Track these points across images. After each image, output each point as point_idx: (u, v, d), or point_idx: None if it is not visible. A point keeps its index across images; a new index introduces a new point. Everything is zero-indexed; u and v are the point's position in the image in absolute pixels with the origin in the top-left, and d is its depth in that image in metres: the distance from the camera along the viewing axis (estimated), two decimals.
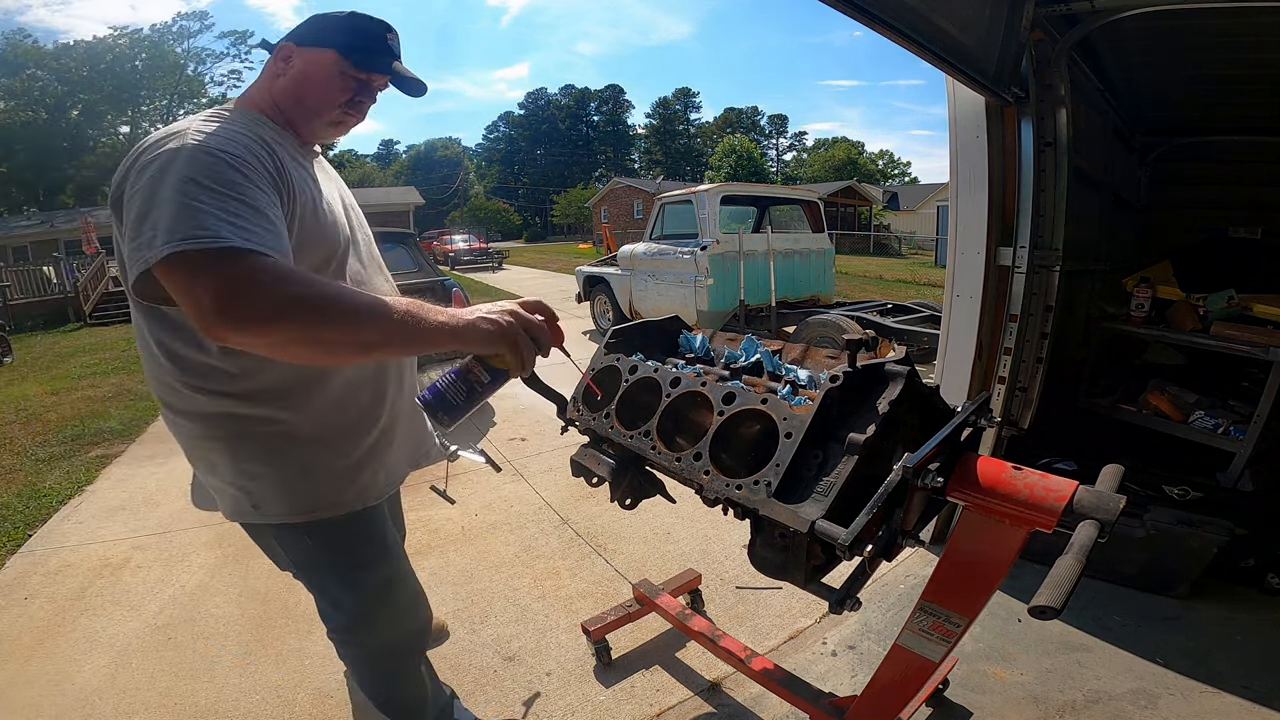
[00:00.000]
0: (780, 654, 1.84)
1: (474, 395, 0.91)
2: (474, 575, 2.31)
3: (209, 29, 41.31)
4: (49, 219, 25.22)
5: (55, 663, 1.88)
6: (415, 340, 0.83)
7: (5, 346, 7.36)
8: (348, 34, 0.98)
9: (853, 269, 16.05)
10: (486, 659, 1.85)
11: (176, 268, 0.73)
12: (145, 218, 0.76)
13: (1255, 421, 2.30)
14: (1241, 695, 1.61)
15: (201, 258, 0.72)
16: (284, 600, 2.12)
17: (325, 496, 1.06)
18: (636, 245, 6.67)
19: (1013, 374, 2.18)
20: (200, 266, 0.72)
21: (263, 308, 0.73)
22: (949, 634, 1.00)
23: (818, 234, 6.63)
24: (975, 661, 1.76)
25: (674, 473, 1.00)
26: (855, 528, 0.74)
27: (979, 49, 1.86)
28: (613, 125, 77.98)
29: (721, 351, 1.26)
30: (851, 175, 46.84)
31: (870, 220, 31.51)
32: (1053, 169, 2.09)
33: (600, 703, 1.68)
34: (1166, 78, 2.71)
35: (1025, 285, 2.09)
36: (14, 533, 2.74)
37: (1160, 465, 2.47)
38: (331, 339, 0.78)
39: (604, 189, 35.28)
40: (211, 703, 1.71)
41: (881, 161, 65.83)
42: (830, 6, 1.33)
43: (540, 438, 3.76)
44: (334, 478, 1.06)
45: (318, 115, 1.02)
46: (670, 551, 2.44)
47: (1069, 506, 0.78)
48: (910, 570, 2.24)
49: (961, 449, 0.91)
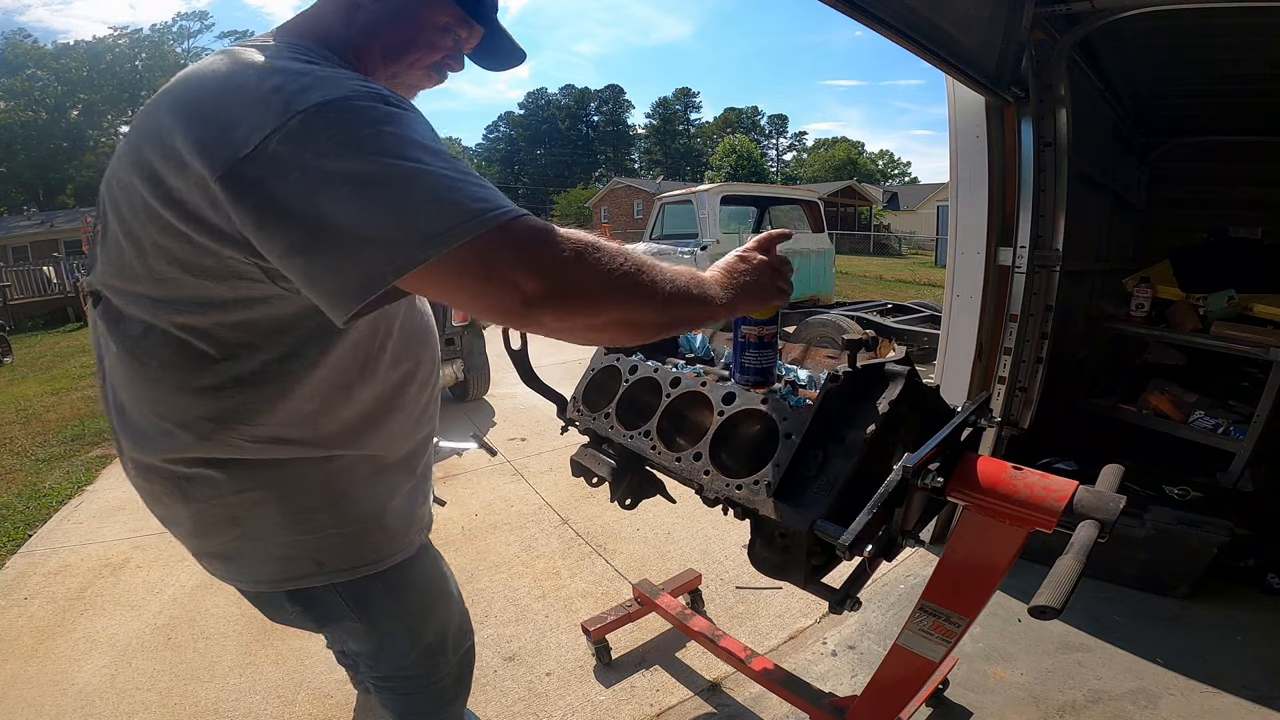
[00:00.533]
0: (780, 654, 1.84)
1: (772, 350, 0.99)
2: (474, 575, 2.31)
3: (209, 29, 41.48)
4: (49, 219, 25.24)
5: (55, 663, 1.88)
6: (701, 319, 0.73)
7: (5, 346, 7.35)
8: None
9: (853, 269, 16.06)
10: (486, 659, 1.85)
11: (472, 254, 0.56)
12: (373, 202, 0.55)
13: (1255, 421, 2.30)
14: (1241, 695, 1.61)
15: (500, 236, 0.57)
16: None
17: (401, 536, 0.92)
18: (636, 245, 6.67)
19: (1013, 374, 2.18)
20: (504, 245, 0.57)
21: (589, 284, 0.61)
22: (949, 634, 1.00)
23: (818, 234, 6.64)
24: (975, 661, 1.76)
25: (674, 473, 1.00)
26: (855, 528, 0.74)
27: (979, 49, 1.86)
28: (613, 125, 78.06)
29: (721, 351, 1.26)
30: (851, 175, 46.90)
31: (870, 220, 31.55)
32: (1053, 169, 2.09)
33: (600, 703, 1.68)
34: (1167, 77, 2.71)
35: (1025, 285, 2.09)
36: (14, 533, 2.74)
37: (1160, 465, 2.47)
38: (643, 319, 0.66)
39: (604, 189, 35.32)
40: (211, 703, 1.71)
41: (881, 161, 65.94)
42: (830, 6, 1.33)
43: (540, 438, 3.76)
44: (405, 512, 0.93)
45: (403, 71, 0.81)
46: (670, 551, 2.44)
47: (1069, 506, 0.78)
48: (910, 570, 2.24)
49: (961, 449, 0.91)
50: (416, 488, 0.96)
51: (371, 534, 0.88)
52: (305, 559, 0.83)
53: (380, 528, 0.89)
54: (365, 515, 0.86)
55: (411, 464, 0.94)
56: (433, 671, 1.10)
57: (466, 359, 4.14)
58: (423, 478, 0.98)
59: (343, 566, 0.86)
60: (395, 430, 0.88)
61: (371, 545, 0.88)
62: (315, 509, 0.81)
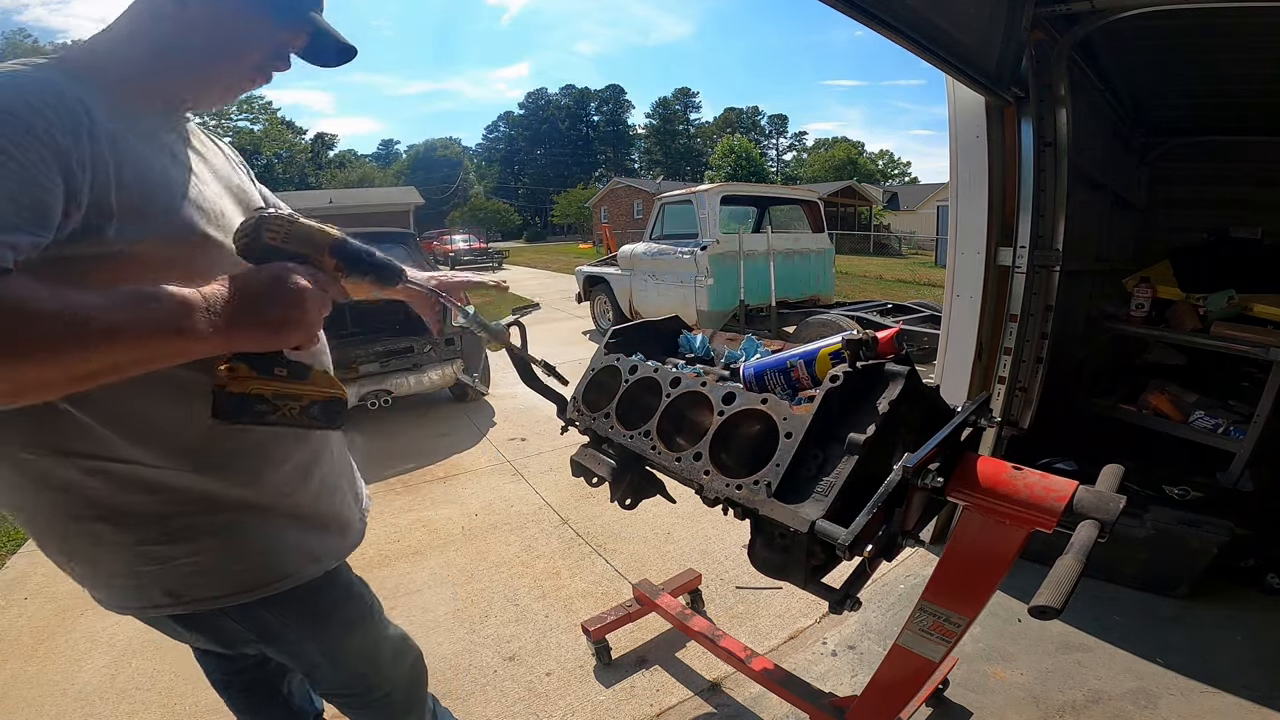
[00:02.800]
0: (780, 654, 1.84)
1: (794, 391, 0.98)
2: (474, 575, 2.31)
3: None
4: None
5: (55, 663, 1.88)
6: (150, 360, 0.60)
7: None
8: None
9: (853, 269, 16.05)
10: (486, 659, 1.85)
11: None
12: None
13: (1255, 421, 2.30)
14: (1241, 695, 1.61)
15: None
16: None
17: (276, 567, 0.88)
18: (636, 245, 6.67)
19: (1013, 374, 2.18)
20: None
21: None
22: (949, 634, 1.00)
23: (818, 234, 6.64)
24: (975, 661, 1.76)
25: (674, 473, 1.00)
26: (855, 528, 0.74)
27: (979, 49, 1.85)
28: (613, 125, 78.09)
29: (721, 351, 1.26)
30: (851, 175, 46.90)
31: (870, 220, 31.53)
32: (1053, 169, 2.09)
33: (600, 703, 1.68)
34: (1167, 77, 2.71)
35: (1025, 285, 2.09)
36: (14, 533, 2.74)
37: (1160, 465, 2.47)
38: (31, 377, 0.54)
39: (604, 189, 35.29)
40: (212, 703, 1.70)
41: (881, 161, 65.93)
42: (830, 6, 1.33)
43: (540, 438, 3.76)
44: (280, 545, 0.88)
45: (215, 78, 0.80)
46: (670, 551, 2.44)
47: (1069, 506, 0.78)
48: (910, 570, 2.24)
49: (961, 449, 0.92)
50: (295, 523, 0.91)
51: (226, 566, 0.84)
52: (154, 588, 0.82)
53: (244, 560, 0.85)
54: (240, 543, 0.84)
55: (272, 498, 0.87)
56: (371, 690, 1.11)
57: (466, 359, 4.14)
58: (307, 514, 0.92)
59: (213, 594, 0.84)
60: (239, 466, 0.84)
61: (233, 577, 0.85)
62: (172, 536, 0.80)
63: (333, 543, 0.98)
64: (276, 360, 0.72)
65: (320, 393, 0.76)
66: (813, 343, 1.02)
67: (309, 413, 0.75)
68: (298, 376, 0.74)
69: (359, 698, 1.11)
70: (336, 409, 0.79)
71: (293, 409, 0.73)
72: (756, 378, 1.02)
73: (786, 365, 1.00)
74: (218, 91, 0.82)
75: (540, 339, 7.28)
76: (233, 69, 0.80)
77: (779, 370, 1.00)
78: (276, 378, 0.71)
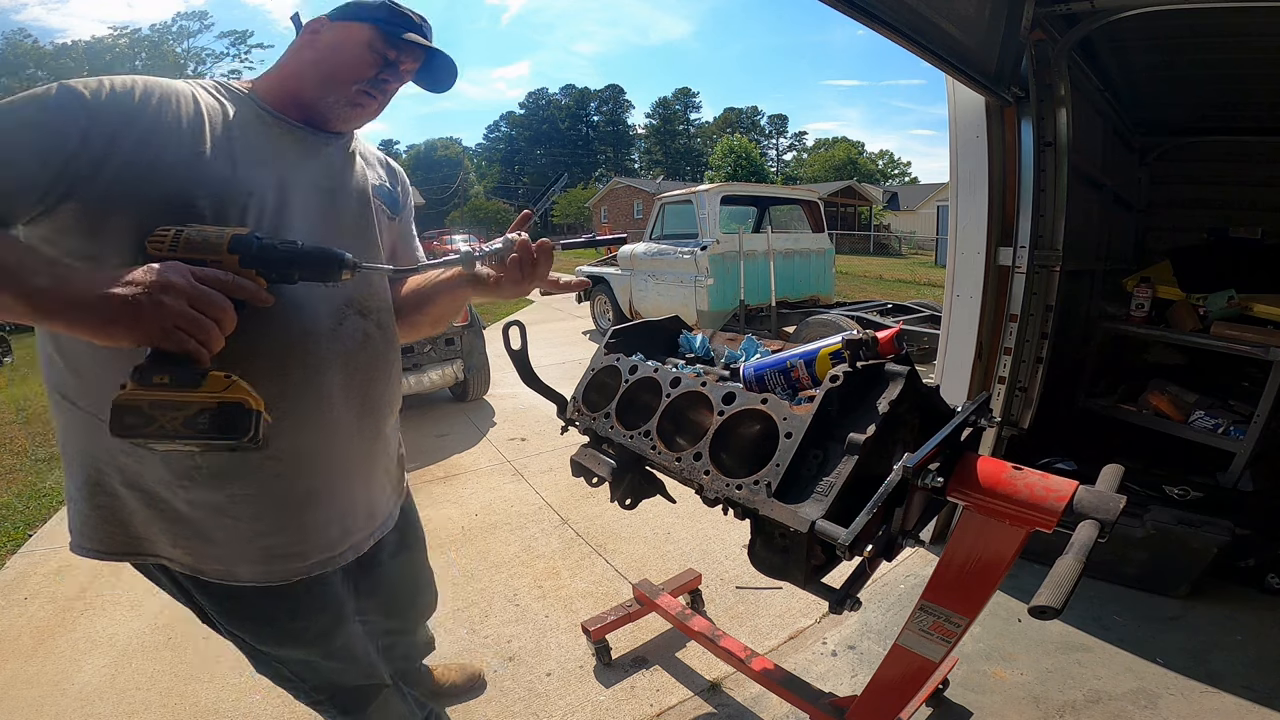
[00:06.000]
0: (780, 654, 1.84)
1: (793, 391, 0.97)
2: (474, 575, 2.31)
3: (209, 29, 41.37)
4: None
5: (55, 663, 1.88)
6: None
7: (5, 347, 7.35)
8: (384, 11, 0.95)
9: (853, 269, 16.06)
10: (486, 659, 1.85)
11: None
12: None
13: (1255, 421, 2.30)
14: (1241, 695, 1.61)
15: None
16: None
17: (218, 559, 0.93)
18: (636, 245, 6.67)
19: (1013, 374, 2.18)
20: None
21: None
22: (949, 634, 1.00)
23: (818, 234, 6.63)
24: (975, 661, 1.76)
25: (674, 473, 1.00)
26: (855, 528, 0.74)
27: (979, 49, 1.85)
28: (613, 125, 78.05)
29: (721, 351, 1.26)
30: (851, 175, 46.90)
31: (870, 220, 31.53)
32: (1053, 169, 2.09)
33: (600, 703, 1.68)
34: (1166, 77, 2.71)
35: (1025, 285, 2.09)
36: (14, 533, 2.74)
37: (1160, 465, 2.47)
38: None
39: (604, 189, 35.30)
40: (211, 703, 1.71)
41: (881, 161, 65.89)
42: (830, 6, 1.33)
43: (540, 438, 3.76)
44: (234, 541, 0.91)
45: (336, 90, 0.95)
46: (670, 551, 2.44)
47: (1069, 506, 0.78)
48: (910, 570, 2.24)
49: (961, 449, 0.91)
50: (262, 526, 0.92)
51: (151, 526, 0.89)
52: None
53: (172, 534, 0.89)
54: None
55: (224, 487, 0.87)
56: (300, 694, 1.14)
57: (466, 359, 4.13)
58: (268, 522, 0.92)
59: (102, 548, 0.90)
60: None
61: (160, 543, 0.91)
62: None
63: (305, 564, 0.98)
64: (158, 365, 0.63)
65: (209, 398, 0.63)
66: (813, 343, 1.02)
67: (195, 424, 0.63)
68: (183, 383, 0.63)
69: (296, 694, 1.16)
70: (231, 418, 0.64)
71: (172, 420, 0.62)
72: (756, 378, 1.02)
73: (786, 365, 1.00)
74: (343, 105, 0.96)
75: (540, 339, 7.28)
76: (352, 80, 0.95)
77: (779, 370, 1.00)
78: (155, 386, 0.63)
